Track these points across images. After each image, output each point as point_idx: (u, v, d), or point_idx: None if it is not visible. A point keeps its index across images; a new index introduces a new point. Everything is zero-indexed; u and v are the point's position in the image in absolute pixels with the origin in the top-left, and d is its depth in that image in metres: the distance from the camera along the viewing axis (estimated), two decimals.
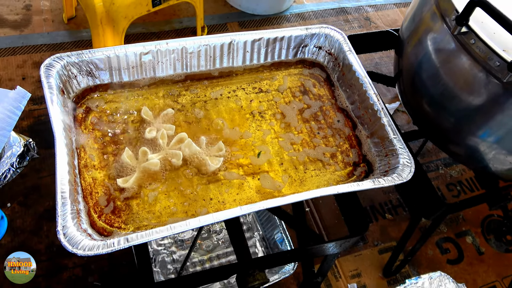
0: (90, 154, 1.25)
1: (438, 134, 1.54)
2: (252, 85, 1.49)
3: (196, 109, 1.40)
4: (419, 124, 1.64)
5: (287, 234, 1.85)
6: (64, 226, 1.02)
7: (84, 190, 1.18)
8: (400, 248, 1.80)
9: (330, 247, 1.37)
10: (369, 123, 1.39)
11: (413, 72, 1.50)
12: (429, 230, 1.61)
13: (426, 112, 1.51)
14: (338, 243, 1.34)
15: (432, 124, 1.52)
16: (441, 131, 1.50)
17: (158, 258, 1.80)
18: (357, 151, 1.39)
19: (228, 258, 1.88)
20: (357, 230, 1.33)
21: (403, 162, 1.27)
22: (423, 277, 1.68)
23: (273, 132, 1.40)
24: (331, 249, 1.38)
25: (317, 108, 1.47)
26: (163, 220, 1.18)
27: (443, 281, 1.71)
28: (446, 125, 1.46)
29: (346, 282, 1.91)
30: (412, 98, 1.56)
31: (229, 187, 1.26)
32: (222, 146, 1.32)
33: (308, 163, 1.35)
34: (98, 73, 1.35)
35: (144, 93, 1.41)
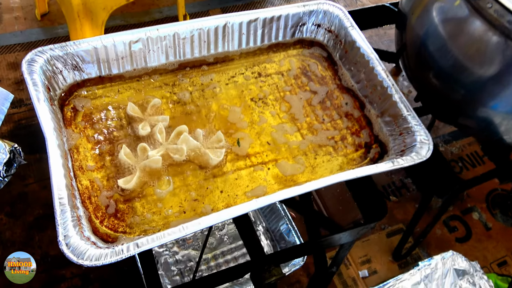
0: (84, 155, 1.15)
1: (447, 108, 1.48)
2: (251, 70, 1.40)
3: (194, 98, 1.30)
4: (424, 99, 1.57)
5: (294, 225, 1.77)
6: (66, 236, 0.92)
7: (82, 195, 1.08)
8: (410, 230, 1.74)
9: (347, 236, 1.29)
10: (378, 101, 1.32)
11: (419, 45, 1.43)
12: (441, 209, 1.56)
13: (433, 86, 1.44)
14: (355, 231, 1.27)
15: (440, 98, 1.46)
16: (450, 104, 1.44)
17: (160, 260, 1.71)
18: (367, 132, 1.32)
19: (234, 255, 1.79)
20: (375, 215, 1.25)
21: (420, 139, 1.19)
22: (436, 258, 1.62)
23: (278, 118, 1.31)
24: (348, 237, 1.31)
25: (321, 90, 1.39)
26: (171, 220, 1.09)
27: (456, 260, 1.66)
28: (456, 98, 1.39)
29: (357, 269, 1.85)
30: (418, 72, 1.49)
31: (238, 179, 1.18)
32: (221, 137, 1.22)
33: (317, 149, 1.27)
34: (85, 66, 1.24)
35: (136, 85, 1.30)
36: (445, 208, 1.54)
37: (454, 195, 1.46)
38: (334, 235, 1.27)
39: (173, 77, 1.34)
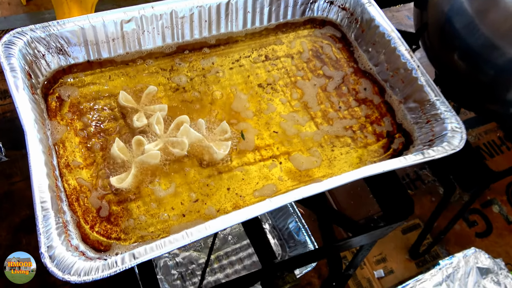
0: (71, 151, 1.00)
1: (472, 91, 1.34)
2: (257, 52, 1.25)
3: (194, 84, 1.16)
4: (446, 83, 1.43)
5: (303, 222, 1.64)
6: (50, 247, 0.79)
7: (69, 196, 0.94)
8: (429, 226, 1.61)
9: (368, 237, 1.16)
10: (401, 85, 1.18)
11: (442, 24, 1.30)
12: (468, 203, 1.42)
13: (458, 68, 1.31)
14: (378, 232, 1.13)
15: (465, 81, 1.32)
16: (476, 87, 1.31)
17: (159, 263, 1.57)
18: (389, 120, 1.18)
19: (239, 255, 1.66)
20: (400, 214, 1.12)
21: (451, 127, 1.06)
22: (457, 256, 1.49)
23: (289, 106, 1.17)
24: (369, 239, 1.17)
25: (336, 75, 1.25)
26: (172, 224, 0.95)
27: (479, 258, 1.53)
28: (485, 80, 1.27)
29: (372, 269, 1.72)
30: (441, 53, 1.36)
31: (246, 176, 1.04)
32: (226, 128, 1.08)
33: (334, 140, 1.13)
34: (71, 49, 1.10)
35: (129, 71, 1.16)
36: (471, 202, 1.41)
37: (484, 188, 1.32)
38: (354, 238, 1.13)
39: (170, 62, 1.19)
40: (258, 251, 1.11)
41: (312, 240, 1.60)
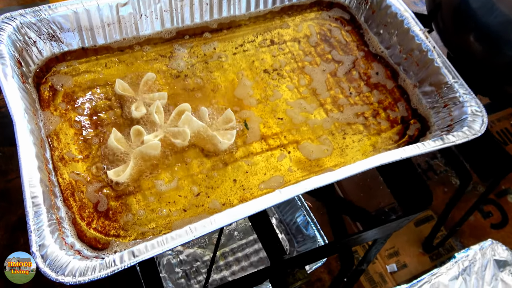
0: (66, 143, 0.94)
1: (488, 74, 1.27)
2: (262, 37, 1.18)
3: (196, 71, 1.09)
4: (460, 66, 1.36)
5: (312, 216, 1.57)
6: (42, 245, 0.72)
7: (64, 191, 0.87)
8: (443, 218, 1.54)
9: (383, 230, 1.09)
10: (415, 68, 1.11)
11: (457, 3, 1.22)
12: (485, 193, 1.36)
13: (473, 49, 1.24)
14: (394, 224, 1.07)
15: (481, 63, 1.25)
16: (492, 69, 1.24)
17: (163, 261, 1.51)
18: (403, 105, 1.11)
19: (245, 252, 1.60)
20: (419, 204, 1.05)
21: (471, 111, 0.99)
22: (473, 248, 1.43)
23: (296, 92, 1.11)
24: (384, 232, 1.11)
25: (346, 60, 1.18)
26: (174, 219, 0.89)
27: (496, 250, 1.47)
28: (501, 61, 1.19)
29: (384, 263, 1.65)
30: (456, 35, 1.28)
31: (252, 167, 0.97)
32: (231, 116, 1.01)
33: (345, 127, 1.06)
34: (64, 36, 1.03)
35: (127, 58, 1.09)
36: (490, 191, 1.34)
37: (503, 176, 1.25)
38: (368, 231, 1.06)
39: (170, 48, 1.12)
40: (267, 247, 1.04)
41: (322, 234, 1.54)
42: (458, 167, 1.34)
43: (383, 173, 1.16)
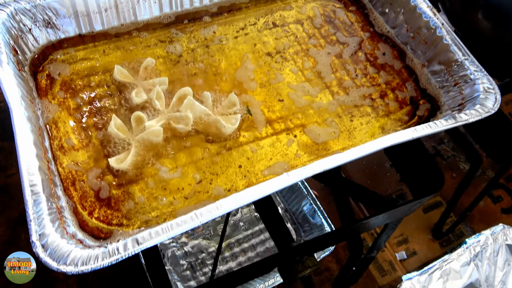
0: (65, 131, 0.91)
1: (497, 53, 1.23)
2: (263, 19, 1.15)
3: (197, 56, 1.06)
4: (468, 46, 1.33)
5: (319, 205, 1.54)
6: (42, 234, 0.69)
7: (64, 181, 0.84)
8: (453, 204, 1.51)
9: (394, 214, 1.06)
10: (423, 47, 1.08)
11: None
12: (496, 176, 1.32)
13: (482, 28, 1.20)
14: (405, 207, 1.04)
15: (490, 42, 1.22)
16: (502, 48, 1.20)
17: (167, 253, 1.48)
18: (412, 85, 1.08)
19: (251, 242, 1.57)
20: (430, 187, 1.02)
21: (483, 88, 0.96)
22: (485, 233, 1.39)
23: (301, 75, 1.07)
24: (395, 216, 1.08)
25: (352, 41, 1.14)
26: (179, 207, 0.86)
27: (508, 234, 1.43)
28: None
29: (393, 251, 1.62)
30: (464, 13, 1.25)
31: (258, 152, 0.94)
32: (235, 100, 0.98)
33: (353, 109, 1.03)
34: (60, 22, 1.00)
35: (125, 44, 1.06)
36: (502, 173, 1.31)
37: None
38: (378, 215, 1.03)
39: (169, 33, 1.09)
40: (274, 235, 1.02)
41: (329, 223, 1.51)
42: (468, 149, 1.30)
43: (392, 156, 1.14)
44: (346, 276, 1.51)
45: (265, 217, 1.04)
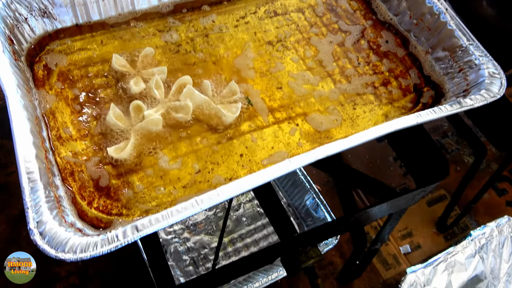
0: (63, 122, 0.89)
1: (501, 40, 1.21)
2: (264, 8, 1.14)
3: (196, 45, 1.05)
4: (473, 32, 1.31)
5: (322, 199, 1.52)
6: (40, 222, 0.68)
7: (63, 171, 0.83)
8: (457, 196, 1.49)
9: (399, 203, 1.04)
10: (427, 34, 1.06)
11: None
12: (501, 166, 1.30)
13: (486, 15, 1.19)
14: (409, 196, 1.02)
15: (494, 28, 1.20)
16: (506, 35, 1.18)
17: (170, 249, 1.46)
18: (415, 72, 1.06)
19: (254, 237, 1.55)
20: (434, 175, 1.00)
21: (488, 73, 0.94)
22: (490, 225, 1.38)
23: (302, 64, 1.06)
24: (400, 205, 1.06)
25: (354, 30, 1.13)
26: (179, 196, 0.84)
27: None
28: None
29: (397, 244, 1.60)
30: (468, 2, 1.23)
31: (260, 141, 0.92)
32: (235, 88, 0.97)
33: (355, 97, 1.01)
34: (56, 12, 0.99)
35: (123, 34, 1.04)
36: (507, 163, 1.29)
37: None
38: (382, 204, 1.01)
39: (167, 22, 1.07)
40: (276, 225, 1.00)
41: (332, 216, 1.49)
42: (472, 141, 1.29)
43: (395, 145, 1.12)
44: (350, 269, 1.49)
45: (266, 207, 1.02)
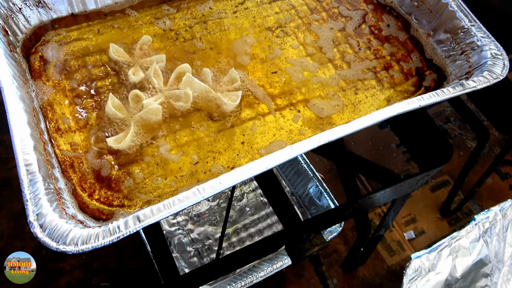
0: (61, 113, 0.88)
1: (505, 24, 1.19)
2: None
3: (195, 33, 1.03)
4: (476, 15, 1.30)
5: (325, 187, 1.51)
6: (39, 214, 0.67)
7: (62, 163, 0.82)
8: (460, 181, 1.48)
9: (402, 188, 1.03)
10: (428, 16, 1.04)
11: None
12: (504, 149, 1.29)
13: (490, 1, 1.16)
14: (413, 180, 1.01)
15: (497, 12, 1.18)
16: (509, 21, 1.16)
17: (174, 241, 1.46)
18: (417, 55, 1.05)
19: (258, 227, 1.54)
20: (438, 158, 0.99)
21: (491, 54, 0.93)
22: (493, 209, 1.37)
23: (302, 49, 1.04)
24: (404, 189, 1.05)
25: (355, 15, 1.11)
26: (181, 186, 0.83)
27: None
28: None
29: (401, 230, 1.60)
30: None
31: (261, 127, 0.91)
32: (235, 75, 0.95)
33: (357, 82, 1.00)
34: (51, 1, 0.97)
35: (120, 22, 1.03)
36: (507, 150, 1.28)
37: None
38: (386, 189, 1.00)
39: (164, 10, 1.06)
40: (280, 214, 0.99)
41: (336, 204, 1.48)
42: (475, 125, 1.27)
43: (398, 130, 1.10)
44: (355, 257, 1.49)
45: (270, 195, 1.01)
